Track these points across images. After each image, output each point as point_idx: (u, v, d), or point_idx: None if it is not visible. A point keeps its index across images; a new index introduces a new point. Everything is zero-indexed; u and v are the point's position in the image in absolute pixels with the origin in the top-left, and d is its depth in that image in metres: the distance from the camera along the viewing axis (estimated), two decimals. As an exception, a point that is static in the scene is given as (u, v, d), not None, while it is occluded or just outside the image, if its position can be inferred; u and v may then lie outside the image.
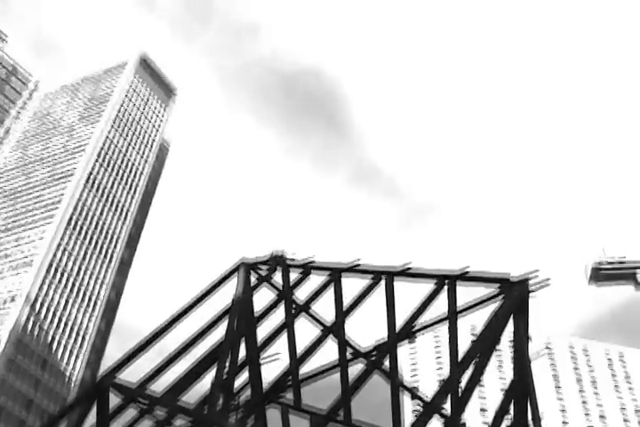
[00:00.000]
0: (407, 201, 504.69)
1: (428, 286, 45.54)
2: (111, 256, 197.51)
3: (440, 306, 45.62)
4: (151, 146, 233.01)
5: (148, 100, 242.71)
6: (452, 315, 44.44)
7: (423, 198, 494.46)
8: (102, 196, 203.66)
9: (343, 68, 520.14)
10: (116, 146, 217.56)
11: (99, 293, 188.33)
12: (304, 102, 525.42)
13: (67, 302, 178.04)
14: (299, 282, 48.50)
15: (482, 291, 45.35)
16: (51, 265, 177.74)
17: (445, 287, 45.22)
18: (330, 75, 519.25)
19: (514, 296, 42.64)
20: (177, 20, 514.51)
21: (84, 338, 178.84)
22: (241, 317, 46.59)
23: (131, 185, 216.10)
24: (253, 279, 48.55)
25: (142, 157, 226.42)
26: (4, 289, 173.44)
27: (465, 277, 44.73)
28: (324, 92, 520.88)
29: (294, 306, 47.66)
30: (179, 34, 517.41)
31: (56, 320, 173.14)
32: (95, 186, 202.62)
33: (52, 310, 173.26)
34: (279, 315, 48.27)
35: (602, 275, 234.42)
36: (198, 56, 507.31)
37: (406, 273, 46.21)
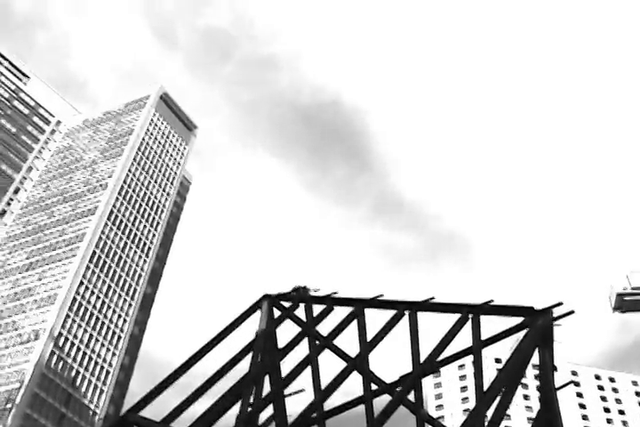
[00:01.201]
0: (430, 233, 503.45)
1: (452, 318, 45.46)
2: (134, 291, 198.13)
3: (464, 337, 45.48)
4: (172, 181, 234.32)
5: (168, 135, 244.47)
6: (477, 347, 44.31)
7: (446, 230, 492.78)
8: (124, 231, 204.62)
9: (363, 99, 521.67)
10: (137, 181, 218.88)
11: (122, 328, 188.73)
12: (324, 134, 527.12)
13: (90, 337, 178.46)
14: (322, 316, 48.54)
15: (506, 322, 45.19)
16: (74, 301, 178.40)
17: (469, 319, 45.11)
18: (350, 106, 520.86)
19: (538, 327, 42.48)
20: (196, 55, 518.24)
21: (107, 373, 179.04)
22: (265, 351, 46.63)
23: (152, 220, 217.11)
24: (276, 313, 48.64)
25: (163, 192, 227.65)
26: (27, 325, 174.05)
27: (488, 308, 44.65)
28: (345, 124, 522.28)
29: (318, 340, 47.65)
30: (198, 68, 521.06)
31: (80, 356, 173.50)
32: (117, 221, 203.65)
33: (76, 345, 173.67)
34: (303, 348, 48.27)
35: (627, 302, 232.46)
36: (218, 90, 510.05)
37: (429, 306, 46.18)
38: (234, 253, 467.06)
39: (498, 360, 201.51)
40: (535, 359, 42.85)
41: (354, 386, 47.55)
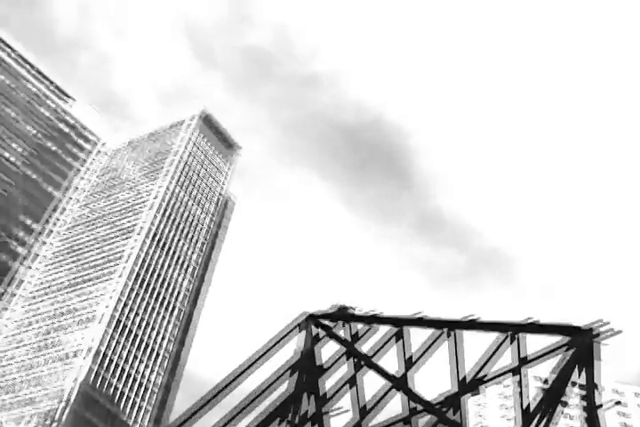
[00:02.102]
0: (472, 249, 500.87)
1: (493, 336, 45.05)
2: (177, 310, 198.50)
3: (506, 355, 45.09)
4: (214, 201, 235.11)
5: (210, 155, 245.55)
6: (519, 366, 43.83)
7: (488, 246, 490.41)
8: (167, 251, 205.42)
9: (404, 116, 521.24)
10: (179, 201, 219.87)
11: (164, 347, 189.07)
12: (365, 152, 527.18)
13: (132, 356, 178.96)
14: (363, 334, 48.24)
15: (550, 340, 44.67)
16: (116, 320, 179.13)
17: (511, 338, 44.65)
18: (391, 123, 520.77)
19: (582, 346, 41.92)
20: (237, 74, 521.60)
21: (150, 392, 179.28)
22: (305, 370, 46.39)
23: (195, 240, 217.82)
24: (316, 331, 48.40)
25: (206, 212, 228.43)
26: (69, 343, 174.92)
27: (530, 327, 44.15)
28: (385, 141, 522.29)
29: (359, 358, 47.34)
30: (239, 88, 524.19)
31: (122, 374, 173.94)
32: (160, 241, 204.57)
33: (118, 364, 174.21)
34: (344, 367, 47.97)
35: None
36: (259, 109, 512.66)
37: (470, 324, 45.75)
38: (275, 271, 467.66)
39: (538, 378, 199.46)
40: (577, 376, 42.27)
41: (395, 404, 47.23)
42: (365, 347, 47.75)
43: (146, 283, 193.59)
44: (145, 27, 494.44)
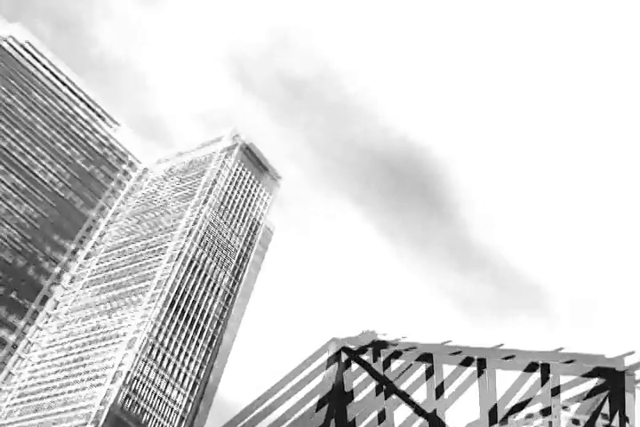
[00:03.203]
0: (504, 281, 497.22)
1: (524, 365, 44.47)
2: (210, 336, 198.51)
3: (537, 386, 44.41)
4: (251, 228, 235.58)
5: (249, 182, 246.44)
6: (549, 396, 43.17)
7: (520, 278, 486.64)
8: (202, 277, 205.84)
9: (439, 146, 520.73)
10: (216, 228, 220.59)
11: (195, 372, 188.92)
12: (400, 180, 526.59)
13: (163, 380, 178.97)
14: (392, 361, 47.82)
15: (582, 370, 43.95)
16: (149, 344, 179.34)
17: (542, 368, 44.07)
18: (426, 152, 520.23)
19: (617, 386, 41.15)
20: (276, 101, 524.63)
21: (180, 417, 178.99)
22: (332, 397, 46.02)
23: (230, 266, 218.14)
24: (346, 358, 48.07)
25: (242, 238, 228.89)
26: (101, 365, 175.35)
27: (563, 357, 43.51)
28: (420, 170, 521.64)
29: (386, 386, 46.92)
30: (278, 114, 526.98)
31: (152, 398, 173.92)
32: (195, 267, 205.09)
33: (149, 387, 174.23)
34: (372, 395, 47.54)
35: None
36: (297, 135, 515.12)
37: (500, 353, 45.17)
38: (309, 297, 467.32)
39: (565, 408, 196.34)
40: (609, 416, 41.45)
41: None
42: (394, 374, 47.31)
43: (180, 308, 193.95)
44: (187, 53, 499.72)
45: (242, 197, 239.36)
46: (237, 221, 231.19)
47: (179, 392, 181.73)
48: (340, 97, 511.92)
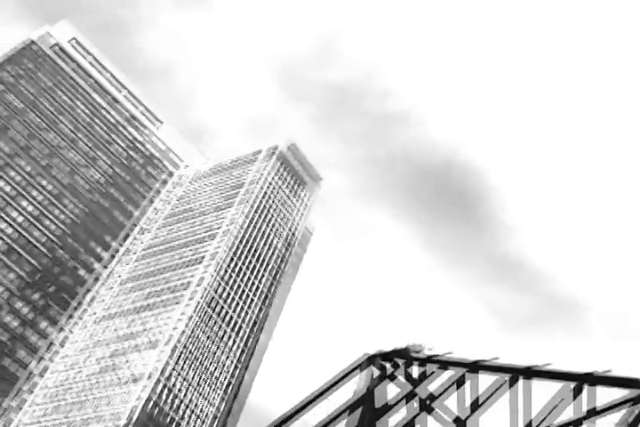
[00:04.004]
0: (544, 295, 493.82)
1: (559, 384, 43.98)
2: (247, 337, 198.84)
3: (572, 406, 43.89)
4: (292, 231, 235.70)
5: (290, 185, 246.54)
6: (584, 418, 42.64)
7: (561, 293, 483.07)
8: (242, 279, 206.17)
9: (483, 160, 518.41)
10: (257, 229, 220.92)
11: (232, 372, 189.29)
12: (443, 193, 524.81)
13: (200, 379, 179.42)
14: (424, 377, 47.44)
15: (620, 392, 43.38)
16: (188, 344, 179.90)
17: (578, 388, 43.51)
18: (470, 165, 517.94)
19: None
20: (320, 108, 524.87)
21: (212, 417, 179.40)
22: (363, 411, 45.75)
23: (270, 269, 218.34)
24: (378, 373, 47.77)
25: (282, 241, 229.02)
26: (138, 364, 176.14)
27: (598, 379, 42.94)
28: (463, 183, 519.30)
29: (418, 402, 46.55)
30: (321, 121, 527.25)
31: (189, 397, 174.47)
32: (236, 269, 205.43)
33: (186, 387, 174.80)
34: (403, 410, 47.22)
35: None
36: (340, 144, 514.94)
37: (537, 373, 44.65)
38: (346, 304, 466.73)
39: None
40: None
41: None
42: (426, 390, 46.93)
43: (218, 308, 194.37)
44: (232, 55, 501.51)
45: (282, 198, 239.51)
46: (277, 221, 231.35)
47: (213, 391, 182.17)
48: (383, 105, 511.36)
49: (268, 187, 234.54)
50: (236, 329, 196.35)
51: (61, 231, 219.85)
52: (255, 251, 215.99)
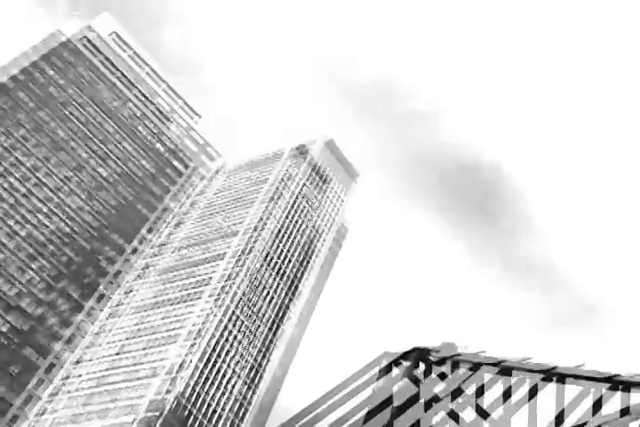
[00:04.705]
0: (577, 297, 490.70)
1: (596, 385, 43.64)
2: (281, 331, 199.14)
3: (609, 407, 43.59)
4: (328, 226, 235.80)
5: (327, 179, 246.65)
6: (619, 417, 42.34)
7: (584, 297, 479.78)
8: (277, 272, 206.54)
9: (522, 163, 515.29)
10: (295, 224, 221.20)
11: (265, 368, 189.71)
12: (483, 194, 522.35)
13: (230, 371, 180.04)
14: (441, 377, 47.31)
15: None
16: (219, 336, 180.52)
17: (613, 388, 43.18)
18: (513, 166, 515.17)
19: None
20: (361, 106, 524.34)
21: (246, 411, 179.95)
22: (380, 410, 45.71)
23: (307, 264, 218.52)
24: (397, 372, 47.71)
25: (318, 236, 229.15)
26: (171, 357, 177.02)
27: (630, 383, 42.60)
28: (505, 184, 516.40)
29: (434, 402, 46.43)
30: (362, 120, 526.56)
31: (218, 389, 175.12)
32: (272, 262, 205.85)
33: (216, 378, 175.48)
34: (420, 410, 47.10)
35: None
36: (379, 142, 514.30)
37: (570, 375, 44.35)
38: (380, 302, 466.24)
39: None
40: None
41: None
42: (444, 391, 46.79)
43: (255, 303, 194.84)
44: (270, 50, 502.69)
45: (317, 193, 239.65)
46: (311, 216, 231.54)
47: (244, 383, 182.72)
48: (427, 107, 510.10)
49: (303, 183, 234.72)
50: (268, 323, 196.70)
51: (97, 223, 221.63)
52: (289, 246, 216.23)
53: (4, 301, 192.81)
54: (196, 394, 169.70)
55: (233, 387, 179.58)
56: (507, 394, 45.67)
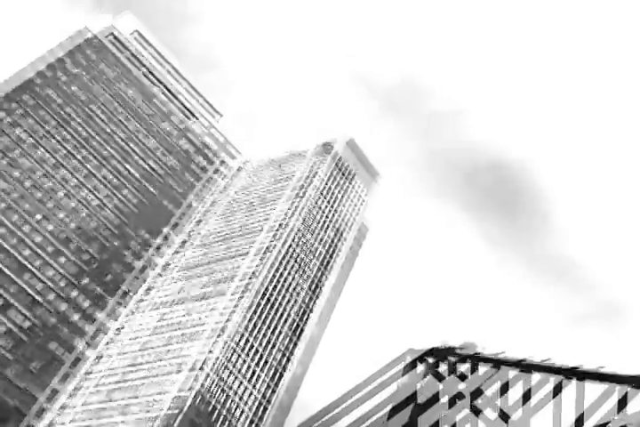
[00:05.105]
0: (603, 296, 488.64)
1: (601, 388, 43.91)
2: (300, 330, 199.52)
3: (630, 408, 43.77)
4: (350, 226, 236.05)
5: (348, 179, 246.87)
6: (624, 420, 42.59)
7: (609, 296, 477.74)
8: (298, 271, 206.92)
9: (547, 161, 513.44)
10: (316, 223, 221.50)
11: (285, 367, 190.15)
12: (510, 193, 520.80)
13: (250, 370, 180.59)
14: (466, 374, 47.71)
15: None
16: (240, 334, 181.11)
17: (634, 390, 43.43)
18: (538, 165, 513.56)
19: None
20: (384, 104, 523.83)
21: (265, 408, 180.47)
22: (405, 406, 46.17)
23: (327, 263, 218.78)
24: (422, 369, 48.14)
25: (339, 235, 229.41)
26: (190, 353, 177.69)
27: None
28: (531, 183, 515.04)
29: (458, 398, 46.86)
30: (383, 118, 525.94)
31: (239, 387, 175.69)
32: (292, 261, 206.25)
33: (236, 376, 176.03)
34: (445, 406, 47.51)
35: None
36: (401, 140, 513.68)
37: (580, 374, 44.68)
38: (402, 301, 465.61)
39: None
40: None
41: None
42: (468, 388, 47.18)
43: (271, 299, 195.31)
44: (292, 49, 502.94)
45: (339, 192, 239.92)
46: (333, 215, 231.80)
47: (264, 382, 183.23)
48: (452, 106, 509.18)
49: (326, 182, 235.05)
50: (288, 322, 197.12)
51: (119, 221, 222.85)
52: (309, 243, 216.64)
53: (29, 296, 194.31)
54: (219, 390, 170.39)
55: (255, 384, 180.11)
56: (527, 394, 46.01)
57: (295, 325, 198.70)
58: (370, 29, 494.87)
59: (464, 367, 48.40)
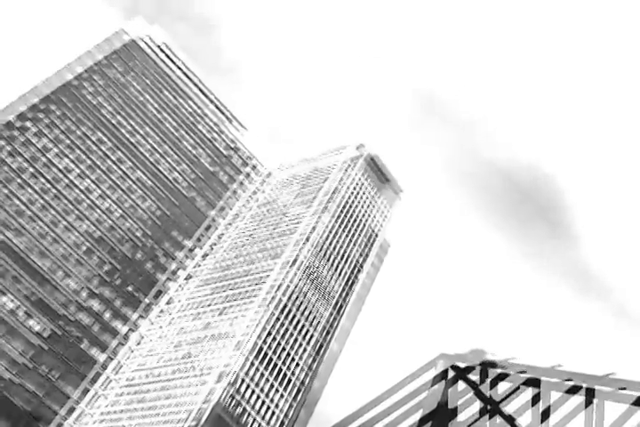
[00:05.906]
0: (617, 303, 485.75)
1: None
2: (320, 345, 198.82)
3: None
4: (369, 239, 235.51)
5: (371, 195, 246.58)
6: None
7: (632, 305, 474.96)
8: (317, 286, 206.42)
9: (568, 172, 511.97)
10: (335, 236, 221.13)
11: (303, 380, 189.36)
12: (534, 207, 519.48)
13: (268, 384, 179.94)
14: (498, 382, 47.00)
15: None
16: (259, 348, 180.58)
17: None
18: (561, 179, 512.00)
19: None
20: (406, 116, 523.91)
21: (282, 423, 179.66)
22: (435, 414, 45.47)
23: (348, 278, 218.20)
24: (452, 375, 47.45)
25: (362, 252, 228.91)
26: (209, 366, 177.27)
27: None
28: (555, 197, 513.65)
29: (489, 404, 46.13)
30: (407, 130, 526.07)
31: (256, 401, 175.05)
32: (312, 276, 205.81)
33: (254, 390, 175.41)
34: (476, 413, 46.82)
35: None
36: (424, 153, 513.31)
37: (609, 382, 43.92)
38: (425, 314, 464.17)
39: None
40: None
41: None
42: (500, 396, 46.44)
43: (291, 313, 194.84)
44: (315, 59, 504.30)
45: (362, 207, 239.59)
46: (355, 231, 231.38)
47: (282, 396, 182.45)
48: (471, 116, 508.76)
49: (350, 196, 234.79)
50: (308, 336, 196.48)
51: (150, 223, 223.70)
52: (331, 258, 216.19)
53: (63, 295, 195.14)
54: (250, 391, 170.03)
55: (272, 399, 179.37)
56: (561, 401, 45.27)
57: (314, 339, 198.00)
58: (393, 38, 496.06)
59: (495, 375, 47.70)
